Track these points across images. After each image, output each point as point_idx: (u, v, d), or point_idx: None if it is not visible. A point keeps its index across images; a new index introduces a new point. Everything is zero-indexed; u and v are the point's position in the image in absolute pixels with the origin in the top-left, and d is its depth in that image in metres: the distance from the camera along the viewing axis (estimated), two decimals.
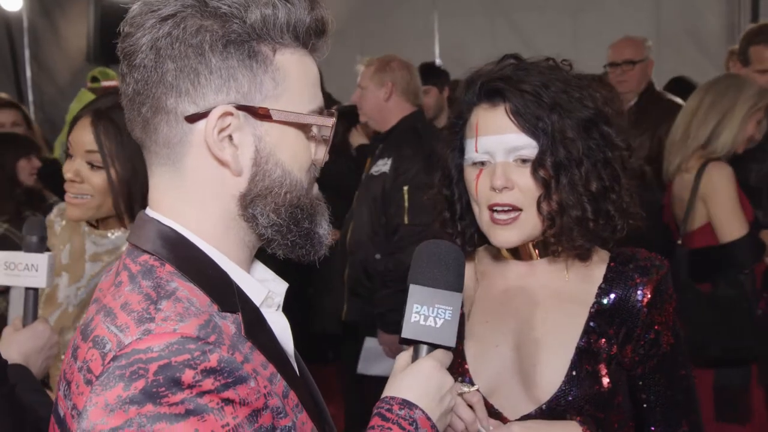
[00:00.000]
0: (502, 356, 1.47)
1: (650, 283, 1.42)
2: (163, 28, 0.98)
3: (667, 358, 1.44)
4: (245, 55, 1.00)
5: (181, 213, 1.04)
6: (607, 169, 1.41)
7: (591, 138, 1.40)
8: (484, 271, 1.56)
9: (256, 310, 1.06)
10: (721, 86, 2.97)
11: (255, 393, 0.94)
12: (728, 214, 2.87)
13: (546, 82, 1.40)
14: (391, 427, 1.10)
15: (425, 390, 1.16)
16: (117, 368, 0.89)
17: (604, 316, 1.43)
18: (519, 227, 1.41)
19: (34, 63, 8.14)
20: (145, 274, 1.00)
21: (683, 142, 2.97)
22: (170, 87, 0.99)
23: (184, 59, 0.98)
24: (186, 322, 0.93)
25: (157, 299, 0.96)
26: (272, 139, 1.03)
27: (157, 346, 0.90)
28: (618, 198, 1.42)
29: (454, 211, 1.54)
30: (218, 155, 1.01)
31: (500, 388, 1.45)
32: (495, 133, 1.41)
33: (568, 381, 1.40)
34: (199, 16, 0.99)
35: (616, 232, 1.43)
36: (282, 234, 1.07)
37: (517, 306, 1.48)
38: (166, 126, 1.01)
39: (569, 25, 6.06)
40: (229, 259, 1.05)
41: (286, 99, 1.03)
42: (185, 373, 0.88)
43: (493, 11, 6.38)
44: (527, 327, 1.46)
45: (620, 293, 1.43)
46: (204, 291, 0.99)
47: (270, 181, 1.04)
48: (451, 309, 1.21)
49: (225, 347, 0.93)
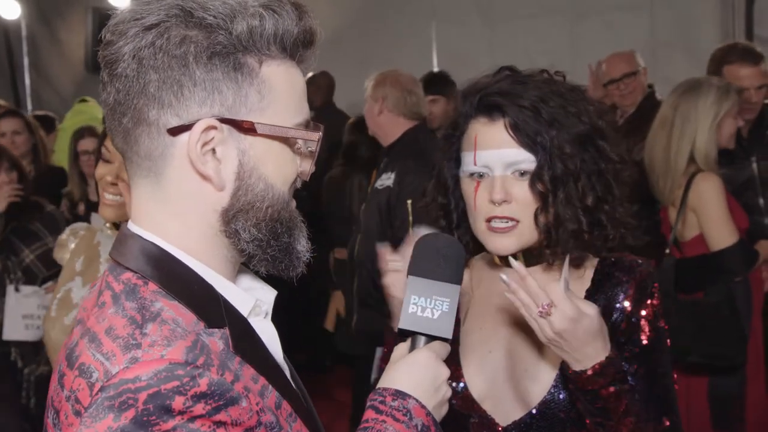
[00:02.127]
0: (495, 362, 1.49)
1: (634, 279, 1.45)
2: (146, 37, 0.95)
3: (645, 351, 1.45)
4: (230, 67, 0.97)
5: (163, 227, 1.02)
6: (601, 180, 1.43)
7: (586, 151, 1.42)
8: (479, 279, 1.58)
9: (243, 321, 1.04)
10: (682, 107, 2.98)
11: (247, 412, 0.93)
12: (717, 223, 2.90)
13: (544, 96, 1.42)
14: (385, 419, 1.10)
15: (420, 380, 1.15)
16: (105, 399, 0.87)
17: None
18: (516, 236, 1.42)
19: (33, 71, 8.15)
20: (129, 295, 0.97)
21: (666, 171, 3.00)
22: (152, 98, 0.96)
23: (167, 70, 0.95)
24: (173, 345, 0.91)
25: (143, 323, 0.93)
26: (256, 152, 1.01)
27: (145, 374, 0.88)
28: (611, 209, 1.44)
29: (451, 220, 1.55)
30: (200, 169, 0.98)
31: (493, 394, 1.47)
32: (494, 148, 1.42)
33: (556, 384, 1.41)
34: (183, 27, 0.96)
35: (608, 241, 1.45)
36: (262, 249, 1.04)
37: (511, 313, 1.50)
38: (148, 138, 0.99)
39: (567, 33, 6.09)
40: (214, 271, 1.04)
41: (271, 112, 1.01)
42: (175, 400, 0.87)
43: (491, 19, 6.41)
44: (519, 333, 1.48)
45: (607, 293, 1.46)
46: (189, 308, 0.97)
47: (252, 196, 1.01)
48: (449, 301, 1.22)
49: (214, 368, 0.91)
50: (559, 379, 1.41)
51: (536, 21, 6.16)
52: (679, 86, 3.10)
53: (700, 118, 2.93)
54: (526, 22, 6.19)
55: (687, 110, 2.96)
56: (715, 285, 2.90)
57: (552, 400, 1.41)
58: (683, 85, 3.08)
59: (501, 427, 1.45)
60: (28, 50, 8.10)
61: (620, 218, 1.45)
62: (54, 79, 8.04)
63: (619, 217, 1.45)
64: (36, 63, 8.13)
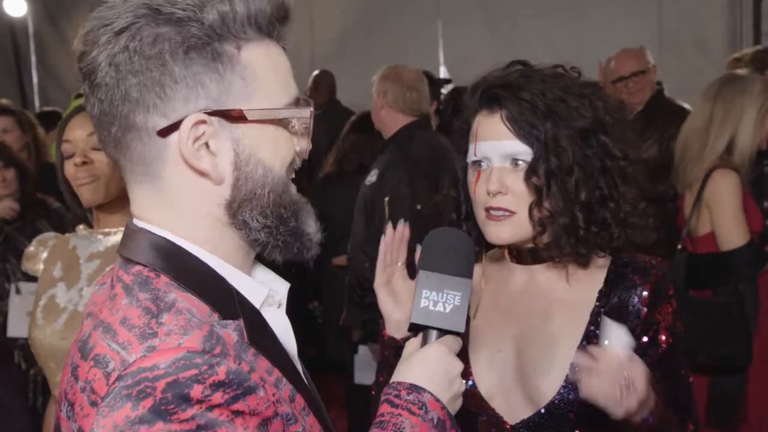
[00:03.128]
0: (504, 361, 1.48)
1: (648, 283, 1.44)
2: (118, 42, 0.93)
3: (665, 356, 1.45)
4: (209, 59, 0.95)
5: (171, 223, 1.01)
6: (606, 177, 1.42)
7: (589, 146, 1.41)
8: (489, 276, 1.58)
9: (256, 312, 1.04)
10: (727, 94, 2.92)
11: (264, 402, 0.92)
12: (729, 222, 2.87)
13: (544, 89, 1.41)
14: (401, 413, 1.09)
15: (433, 374, 1.14)
16: (123, 388, 0.86)
17: None
18: (511, 225, 1.42)
19: (40, 68, 8.17)
20: (142, 286, 0.96)
21: (699, 156, 2.95)
22: (136, 103, 0.95)
23: (145, 72, 0.93)
24: (190, 334, 0.90)
25: (158, 312, 0.93)
26: (250, 139, 0.99)
27: (163, 362, 0.87)
28: (616, 207, 1.43)
29: (460, 212, 1.56)
30: (196, 166, 0.97)
31: (502, 392, 1.47)
32: (492, 139, 1.43)
33: (566, 385, 1.41)
34: (154, 25, 0.93)
35: (613, 240, 1.44)
36: (273, 236, 1.03)
37: (520, 311, 1.50)
38: (140, 143, 0.97)
39: (572, 31, 6.07)
40: (227, 263, 1.03)
41: (258, 96, 0.99)
42: (194, 389, 0.86)
43: (496, 18, 6.40)
44: (529, 332, 1.47)
45: (620, 295, 1.44)
46: (203, 300, 0.97)
47: (253, 183, 1.00)
48: (460, 295, 1.21)
49: (231, 358, 0.91)
50: (570, 380, 1.40)
51: (542, 19, 6.13)
52: (719, 78, 3.04)
53: (746, 106, 2.88)
54: (530, 21, 6.17)
55: (731, 98, 2.90)
56: (724, 285, 2.88)
57: (562, 401, 1.40)
58: (725, 76, 3.04)
59: (509, 425, 1.44)
60: (35, 48, 8.11)
61: (626, 217, 1.44)
62: (61, 76, 8.05)
63: (625, 216, 1.43)
64: (43, 60, 8.15)
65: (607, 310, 1.44)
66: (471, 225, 1.53)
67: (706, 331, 2.80)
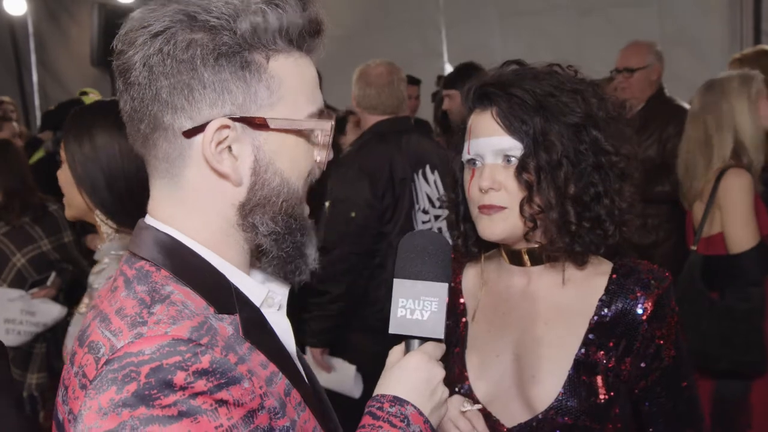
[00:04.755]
0: (502, 366, 1.48)
1: (651, 297, 1.42)
2: (154, 44, 0.98)
3: (669, 370, 1.44)
4: (237, 67, 0.99)
5: (179, 221, 1.05)
6: (600, 173, 1.41)
7: (581, 142, 1.41)
8: (487, 279, 1.57)
9: (256, 310, 1.06)
10: (711, 104, 2.91)
11: (249, 394, 0.94)
12: (738, 223, 2.84)
13: (535, 86, 1.42)
14: (382, 425, 1.08)
15: (414, 385, 1.14)
16: (110, 372, 0.90)
17: (603, 329, 1.43)
18: (502, 219, 1.42)
19: (40, 67, 8.17)
20: (141, 279, 1.00)
21: (708, 168, 2.93)
22: (165, 104, 0.99)
23: (176, 75, 0.98)
24: (179, 324, 0.93)
25: (151, 303, 0.96)
26: (271, 147, 1.03)
27: (148, 348, 0.90)
28: (611, 203, 1.42)
29: (458, 212, 1.56)
30: (217, 168, 1.01)
31: (499, 397, 1.46)
32: (484, 136, 1.44)
33: (565, 392, 1.40)
34: (188, 31, 0.98)
35: (608, 237, 1.43)
36: (278, 243, 1.07)
37: (519, 316, 1.49)
38: (165, 142, 1.02)
39: (575, 29, 6.08)
40: (229, 262, 1.06)
41: (282, 106, 1.02)
42: (177, 375, 0.89)
43: (500, 15, 6.41)
44: (527, 337, 1.47)
45: (621, 306, 1.43)
46: (200, 294, 1.00)
47: (269, 190, 1.04)
48: (437, 300, 1.18)
49: (218, 348, 0.93)
50: (568, 387, 1.40)
51: (544, 17, 6.15)
52: (697, 92, 3.05)
53: (733, 104, 2.87)
54: (533, 18, 6.19)
55: (716, 102, 2.90)
56: (733, 288, 2.84)
57: (560, 407, 1.40)
58: (700, 89, 3.04)
59: (506, 429, 1.44)
60: (35, 47, 8.11)
61: (621, 215, 1.43)
62: (61, 74, 8.05)
63: (620, 213, 1.43)
64: (43, 59, 8.15)
65: (608, 320, 1.43)
66: (469, 227, 1.53)
67: (725, 336, 2.76)
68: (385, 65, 3.52)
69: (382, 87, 3.43)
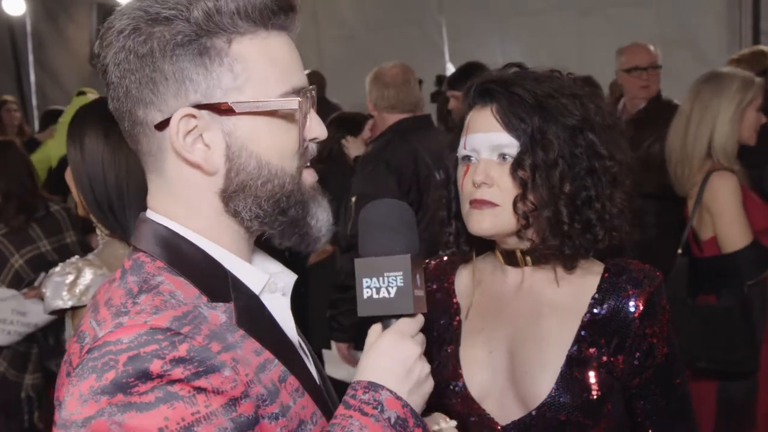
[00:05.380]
0: (495, 362, 1.48)
1: (642, 294, 1.43)
2: (118, 43, 1.00)
3: (662, 368, 1.45)
4: (195, 54, 0.98)
5: (173, 212, 1.06)
6: (593, 177, 1.42)
7: (577, 145, 1.42)
8: (481, 279, 1.58)
9: (253, 297, 1.07)
10: (704, 95, 2.90)
11: (231, 381, 0.94)
12: (730, 224, 2.83)
13: (536, 87, 1.43)
14: (352, 414, 1.03)
15: (388, 366, 1.08)
16: (90, 360, 0.92)
17: (596, 326, 1.43)
18: (493, 215, 1.42)
19: (38, 67, 8.15)
20: (134, 270, 1.02)
21: (685, 159, 2.93)
22: (136, 99, 1.01)
23: (140, 70, 0.99)
24: (159, 314, 0.95)
25: (138, 293, 0.98)
26: (243, 131, 1.02)
27: (126, 338, 0.92)
28: (602, 208, 1.42)
29: (450, 209, 1.56)
30: (188, 158, 1.01)
31: (493, 394, 1.47)
32: (481, 131, 1.44)
33: (558, 388, 1.40)
34: (147, 25, 0.99)
35: (598, 242, 1.44)
36: (270, 225, 1.06)
37: (512, 313, 1.50)
38: (144, 137, 1.03)
39: (575, 29, 6.10)
40: (227, 249, 1.06)
41: (250, 88, 1.01)
42: (153, 363, 0.90)
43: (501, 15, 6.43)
44: (521, 335, 1.47)
45: (613, 304, 1.43)
46: (193, 283, 1.01)
47: (245, 175, 1.02)
48: (401, 273, 1.11)
49: (200, 337, 0.94)
50: (561, 383, 1.41)
51: (544, 17, 6.16)
52: (701, 76, 3.01)
53: (722, 105, 2.85)
54: (534, 18, 6.20)
55: (708, 97, 2.88)
56: (729, 288, 2.84)
57: (553, 403, 1.40)
58: (705, 75, 3.00)
59: (500, 427, 1.45)
60: (33, 47, 8.10)
61: (612, 220, 1.43)
62: (59, 74, 8.05)
63: (611, 218, 1.43)
64: (41, 59, 8.14)
65: (600, 317, 1.44)
66: (461, 225, 1.53)
67: (709, 336, 2.75)
68: (399, 66, 3.59)
69: (400, 87, 3.51)
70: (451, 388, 1.49)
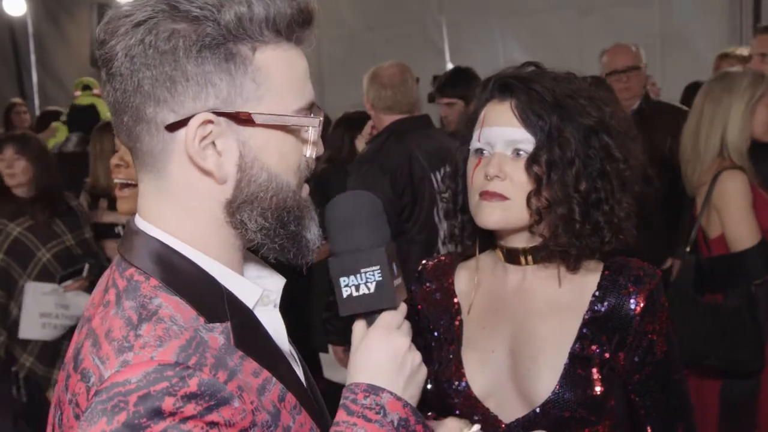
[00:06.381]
0: (498, 361, 1.49)
1: (642, 292, 1.44)
2: (135, 34, 0.94)
3: (661, 364, 1.46)
4: (221, 59, 0.95)
5: (167, 221, 1.01)
6: (604, 180, 1.43)
7: (591, 146, 1.43)
8: (482, 278, 1.58)
9: (248, 313, 1.04)
10: (715, 93, 2.91)
11: (240, 413, 0.92)
12: (738, 222, 2.82)
13: (555, 85, 1.44)
14: (356, 421, 1.02)
15: (380, 364, 1.07)
16: (99, 403, 0.88)
17: (597, 324, 1.44)
18: (503, 209, 1.42)
19: (39, 67, 8.16)
20: (129, 293, 0.97)
21: (696, 157, 2.94)
22: (147, 96, 0.95)
23: (158, 66, 0.94)
24: (165, 345, 0.91)
25: (138, 323, 0.93)
26: (257, 142, 0.99)
27: (134, 377, 0.88)
28: (610, 211, 1.43)
29: (457, 202, 1.56)
30: (201, 164, 0.97)
31: (496, 392, 1.47)
32: (498, 125, 1.45)
33: (561, 385, 1.41)
34: (171, 21, 0.94)
35: (604, 244, 1.45)
36: (270, 238, 1.03)
37: (514, 312, 1.50)
38: (147, 135, 0.98)
39: (576, 27, 6.10)
40: (220, 263, 1.03)
41: (269, 100, 0.98)
42: (165, 401, 0.87)
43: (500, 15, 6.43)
44: (523, 333, 1.48)
45: (613, 302, 1.44)
46: (190, 304, 0.97)
47: (256, 187, 1.00)
48: (378, 267, 1.09)
49: (207, 368, 0.91)
50: (564, 380, 1.41)
51: (544, 16, 6.16)
52: (712, 77, 3.04)
53: (733, 101, 2.85)
54: (534, 17, 6.20)
55: (719, 95, 2.88)
56: (736, 287, 2.83)
57: (556, 400, 1.41)
58: (716, 75, 3.04)
59: (504, 425, 1.45)
60: (35, 47, 8.11)
61: (619, 223, 1.44)
62: (60, 75, 8.05)
63: (618, 222, 1.44)
64: (42, 60, 8.15)
65: (601, 315, 1.45)
66: (467, 218, 1.53)
67: (716, 334, 2.75)
68: (397, 66, 3.57)
69: (397, 87, 3.48)
70: (454, 388, 1.49)
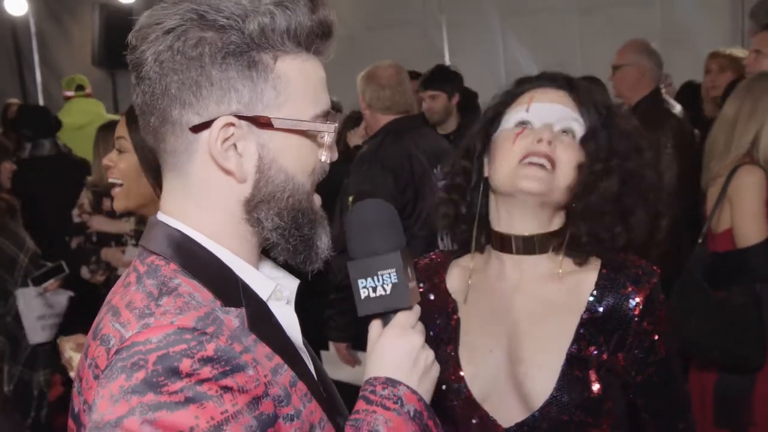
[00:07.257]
0: (496, 362, 1.48)
1: (642, 291, 1.43)
2: (165, 41, 1.01)
3: (663, 363, 1.46)
4: (244, 66, 1.02)
5: (188, 215, 1.08)
6: (627, 186, 1.46)
7: (628, 159, 1.48)
8: (478, 279, 1.57)
9: (262, 303, 1.09)
10: (756, 91, 2.91)
11: (254, 381, 0.97)
12: (748, 218, 2.82)
13: (606, 99, 1.53)
14: (376, 409, 1.10)
15: (397, 360, 1.15)
16: (119, 360, 0.94)
17: (595, 324, 1.44)
18: (548, 179, 1.42)
19: (43, 66, 8.17)
20: (150, 274, 1.04)
21: (726, 152, 2.93)
22: (174, 99, 1.02)
23: (185, 71, 1.01)
24: (185, 314, 0.97)
25: (159, 295, 1.00)
26: (276, 145, 1.06)
27: (155, 337, 0.93)
28: (627, 227, 1.46)
29: (470, 180, 1.56)
30: (223, 164, 1.04)
31: (494, 394, 1.46)
32: (552, 102, 1.48)
33: (559, 387, 1.40)
34: (199, 29, 1.01)
35: (609, 249, 1.47)
36: (285, 238, 1.10)
37: (511, 312, 1.49)
38: (172, 136, 1.05)
39: (577, 27, 6.09)
40: (237, 255, 1.09)
41: (288, 106, 1.05)
42: (183, 362, 0.92)
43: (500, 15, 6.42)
44: (519, 333, 1.47)
45: (612, 302, 1.44)
46: (207, 287, 1.03)
47: (273, 186, 1.07)
48: (394, 270, 1.17)
49: (224, 337, 0.97)
50: (561, 382, 1.41)
51: (545, 16, 6.15)
52: (752, 76, 3.06)
53: None
54: (534, 17, 6.19)
55: (759, 95, 2.88)
56: (739, 284, 2.82)
57: (555, 403, 1.40)
58: (757, 74, 3.05)
59: (502, 429, 1.44)
60: (38, 46, 8.11)
61: (630, 242, 1.47)
62: (63, 74, 8.04)
63: (629, 241, 1.46)
64: (45, 59, 8.15)
65: (599, 315, 1.45)
66: (476, 195, 1.53)
67: (722, 329, 2.75)
68: (393, 66, 3.60)
69: (395, 87, 3.52)
70: (453, 390, 1.49)
